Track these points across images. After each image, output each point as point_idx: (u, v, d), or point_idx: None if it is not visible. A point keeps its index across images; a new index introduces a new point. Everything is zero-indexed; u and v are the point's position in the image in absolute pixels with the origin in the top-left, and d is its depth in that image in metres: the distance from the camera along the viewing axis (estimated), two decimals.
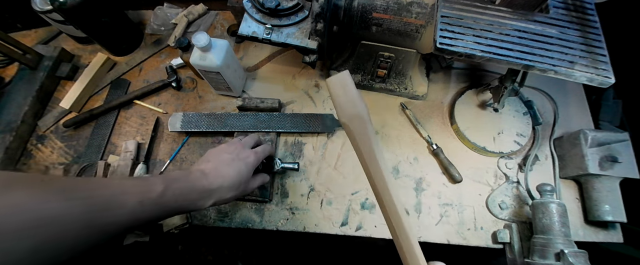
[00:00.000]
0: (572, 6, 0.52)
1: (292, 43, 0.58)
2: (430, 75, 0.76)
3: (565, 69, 0.46)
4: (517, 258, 0.58)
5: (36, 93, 0.75)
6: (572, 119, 0.73)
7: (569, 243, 0.52)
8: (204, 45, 0.60)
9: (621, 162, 0.59)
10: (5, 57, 0.75)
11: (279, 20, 0.59)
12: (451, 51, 0.48)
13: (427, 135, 0.70)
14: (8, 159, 0.70)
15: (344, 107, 0.35)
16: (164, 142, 0.73)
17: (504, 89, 0.60)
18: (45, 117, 0.76)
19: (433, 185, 0.67)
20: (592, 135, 0.61)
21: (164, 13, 0.85)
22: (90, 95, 0.79)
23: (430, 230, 0.64)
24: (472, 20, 0.50)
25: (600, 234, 0.63)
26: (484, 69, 0.78)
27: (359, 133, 0.35)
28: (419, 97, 0.74)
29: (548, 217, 0.54)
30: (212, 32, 0.86)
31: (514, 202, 0.65)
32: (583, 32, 0.50)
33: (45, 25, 0.83)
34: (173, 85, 0.77)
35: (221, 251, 1.25)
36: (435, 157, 0.69)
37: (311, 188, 0.67)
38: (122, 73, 0.81)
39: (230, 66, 0.67)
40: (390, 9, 0.56)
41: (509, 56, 0.47)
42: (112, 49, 0.82)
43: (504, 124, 0.69)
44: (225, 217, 0.65)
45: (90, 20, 0.73)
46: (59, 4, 0.65)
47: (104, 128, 0.74)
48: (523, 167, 0.68)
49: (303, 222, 0.64)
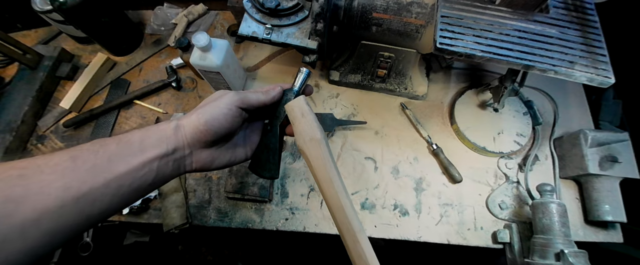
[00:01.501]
0: (572, 6, 0.52)
1: (292, 43, 0.58)
2: (430, 75, 0.76)
3: (565, 69, 0.46)
4: (517, 258, 0.58)
5: (36, 93, 0.75)
6: (572, 119, 0.73)
7: (569, 243, 0.52)
8: (204, 45, 0.60)
9: (621, 162, 0.59)
10: (5, 57, 0.75)
11: (279, 20, 0.58)
12: (451, 51, 0.48)
13: (427, 135, 0.70)
14: (8, 159, 0.70)
15: (302, 132, 0.39)
16: None
17: (504, 89, 0.60)
18: (45, 117, 0.76)
19: (433, 185, 0.67)
20: (592, 135, 0.61)
21: (164, 13, 0.85)
22: (90, 95, 0.79)
23: (430, 230, 0.64)
24: (472, 20, 0.50)
25: (600, 234, 0.63)
26: (484, 69, 0.78)
27: (313, 156, 0.38)
28: (419, 97, 0.74)
29: (548, 217, 0.54)
30: (212, 32, 0.86)
31: (514, 202, 0.65)
32: (583, 32, 0.50)
33: (45, 25, 0.83)
34: (173, 85, 0.77)
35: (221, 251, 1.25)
36: (435, 157, 0.69)
37: (311, 188, 0.67)
38: (122, 73, 0.81)
39: (230, 66, 0.67)
40: (390, 9, 0.56)
41: (509, 56, 0.47)
42: (112, 49, 0.82)
43: (504, 124, 0.69)
44: (225, 217, 0.65)
45: (90, 20, 0.73)
46: (59, 4, 0.65)
47: (104, 128, 0.74)
48: (523, 167, 0.68)
49: (303, 222, 0.64)
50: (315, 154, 0.38)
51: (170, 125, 0.36)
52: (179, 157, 0.36)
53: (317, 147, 0.38)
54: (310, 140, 0.38)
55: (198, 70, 0.66)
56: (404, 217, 0.65)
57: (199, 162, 0.38)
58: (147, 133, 0.35)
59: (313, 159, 0.38)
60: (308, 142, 0.38)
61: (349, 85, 0.76)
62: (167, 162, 0.35)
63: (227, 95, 0.38)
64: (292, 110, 0.40)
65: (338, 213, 0.36)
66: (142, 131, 0.35)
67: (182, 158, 0.36)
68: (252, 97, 0.39)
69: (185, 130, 0.36)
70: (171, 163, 0.35)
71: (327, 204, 0.37)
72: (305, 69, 0.43)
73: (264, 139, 0.44)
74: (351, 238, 0.35)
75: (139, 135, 0.34)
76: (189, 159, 0.37)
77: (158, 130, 0.36)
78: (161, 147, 0.34)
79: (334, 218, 0.37)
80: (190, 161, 0.37)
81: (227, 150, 0.41)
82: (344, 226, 0.36)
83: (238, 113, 0.38)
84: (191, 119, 0.36)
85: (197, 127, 0.36)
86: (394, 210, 0.65)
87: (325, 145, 0.38)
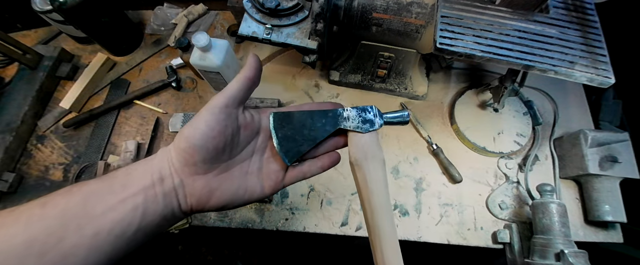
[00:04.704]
0: (572, 6, 0.52)
1: (292, 43, 0.58)
2: (430, 75, 0.76)
3: (565, 69, 0.46)
4: (517, 258, 0.58)
5: (36, 93, 0.75)
6: (572, 119, 0.73)
7: (569, 243, 0.52)
8: (204, 45, 0.60)
9: (621, 162, 0.59)
10: (5, 57, 0.75)
11: (279, 20, 0.58)
12: (451, 51, 0.48)
13: (427, 135, 0.70)
14: (8, 159, 0.70)
15: (362, 146, 0.33)
16: (164, 142, 0.73)
17: (504, 89, 0.60)
18: (45, 117, 0.76)
19: (433, 185, 0.67)
20: (592, 135, 0.61)
21: (164, 13, 0.85)
22: (90, 95, 0.79)
23: (430, 230, 0.64)
24: (472, 20, 0.50)
25: (600, 234, 0.63)
26: (484, 69, 0.78)
27: (372, 177, 0.32)
28: (419, 97, 0.74)
29: (548, 217, 0.54)
30: (212, 32, 0.86)
31: (514, 202, 0.65)
32: (583, 32, 0.49)
33: (45, 25, 0.83)
34: (173, 85, 0.77)
35: (221, 251, 1.25)
36: (435, 157, 0.69)
37: (311, 188, 0.67)
38: (122, 73, 0.81)
39: (230, 66, 0.67)
40: (390, 9, 0.56)
41: (509, 56, 0.47)
42: (112, 49, 0.82)
43: (504, 124, 0.69)
44: (225, 217, 0.65)
45: (90, 20, 0.73)
46: (59, 4, 0.65)
47: (104, 128, 0.74)
48: (523, 167, 0.67)
49: (303, 222, 0.64)
50: (375, 176, 0.32)
51: (159, 151, 0.30)
52: (168, 190, 0.28)
53: (379, 168, 0.33)
54: (373, 158, 0.33)
55: (198, 70, 0.66)
56: (404, 217, 0.65)
57: (194, 195, 0.29)
58: (135, 165, 0.28)
59: (371, 181, 0.32)
60: (370, 160, 0.33)
61: (349, 85, 0.76)
62: (155, 196, 0.27)
63: (210, 99, 0.30)
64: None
65: (387, 250, 0.30)
66: (132, 164, 0.29)
67: (173, 190, 0.28)
68: (234, 85, 0.31)
69: (172, 154, 0.29)
70: (161, 198, 0.27)
71: (373, 234, 0.31)
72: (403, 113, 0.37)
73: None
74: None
75: (125, 169, 0.28)
76: (181, 191, 0.28)
77: (146, 160, 0.29)
78: (146, 178, 0.27)
79: (378, 253, 0.31)
80: (183, 194, 0.29)
81: (230, 177, 0.31)
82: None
83: (225, 116, 0.29)
84: (175, 139, 0.29)
85: (178, 146, 0.28)
86: (394, 210, 0.65)
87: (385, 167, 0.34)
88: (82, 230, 0.24)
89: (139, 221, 0.26)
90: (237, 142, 0.31)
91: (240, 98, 0.31)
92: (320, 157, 0.35)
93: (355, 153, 0.33)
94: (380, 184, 0.32)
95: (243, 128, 0.32)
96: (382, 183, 0.32)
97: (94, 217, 0.24)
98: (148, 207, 0.26)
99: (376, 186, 0.32)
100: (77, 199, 0.25)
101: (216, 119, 0.28)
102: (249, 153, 0.33)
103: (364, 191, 0.32)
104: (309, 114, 0.34)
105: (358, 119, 0.34)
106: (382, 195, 0.32)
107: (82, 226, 0.24)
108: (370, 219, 0.31)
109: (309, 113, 0.34)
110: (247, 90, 0.31)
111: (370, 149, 0.33)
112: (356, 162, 0.33)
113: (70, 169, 0.71)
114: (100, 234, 0.24)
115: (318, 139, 0.33)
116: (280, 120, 0.33)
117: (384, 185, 0.32)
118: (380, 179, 0.32)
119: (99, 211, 0.25)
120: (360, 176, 0.33)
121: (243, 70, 0.32)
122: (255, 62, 0.32)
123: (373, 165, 0.32)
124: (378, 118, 0.35)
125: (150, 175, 0.27)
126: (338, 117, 0.34)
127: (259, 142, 0.34)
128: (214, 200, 0.30)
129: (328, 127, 0.34)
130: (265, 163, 0.33)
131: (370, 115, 0.35)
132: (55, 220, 0.23)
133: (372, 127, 0.34)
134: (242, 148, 0.32)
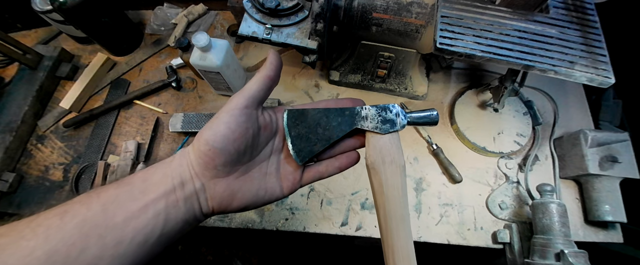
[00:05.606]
0: (572, 6, 0.52)
1: (292, 43, 0.58)
2: (430, 75, 0.76)
3: (565, 69, 0.46)
4: (517, 258, 0.58)
5: (36, 93, 0.75)
6: (572, 119, 0.73)
7: (569, 243, 0.52)
8: (204, 45, 0.60)
9: (621, 162, 0.59)
10: (5, 57, 0.75)
11: (279, 20, 0.58)
12: (451, 51, 0.48)
13: (427, 135, 0.70)
14: (8, 159, 0.70)
15: (381, 149, 0.31)
16: (164, 142, 0.73)
17: (504, 89, 0.60)
18: (45, 117, 0.76)
19: (433, 185, 0.67)
20: (592, 135, 0.61)
21: (164, 13, 0.85)
22: (90, 95, 0.79)
23: (430, 230, 0.64)
24: (472, 20, 0.50)
25: (600, 234, 0.63)
26: (484, 69, 0.78)
27: (390, 183, 0.30)
28: (419, 97, 0.74)
29: (548, 217, 0.54)
30: (212, 32, 0.86)
31: (514, 202, 0.65)
32: (583, 32, 0.49)
33: (45, 25, 0.83)
34: (173, 85, 0.77)
35: (221, 251, 1.25)
36: (435, 157, 0.69)
37: (311, 188, 0.67)
38: (122, 73, 0.81)
39: (230, 66, 0.67)
40: (390, 9, 0.56)
41: (509, 56, 0.47)
42: (112, 49, 0.82)
43: (504, 124, 0.69)
44: (225, 218, 0.65)
45: (90, 20, 0.73)
46: (59, 4, 0.65)
47: (104, 128, 0.74)
48: (523, 167, 0.67)
49: (303, 222, 0.64)
50: (393, 182, 0.30)
51: (177, 154, 0.29)
52: (189, 194, 0.27)
53: (398, 173, 0.30)
54: (391, 163, 0.31)
55: (198, 70, 0.66)
56: None
57: (215, 199, 0.28)
58: (151, 170, 0.28)
59: (387, 187, 0.30)
60: (387, 164, 0.30)
61: (349, 86, 0.76)
62: (176, 201, 0.27)
63: (229, 100, 0.29)
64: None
65: (401, 262, 0.28)
66: (148, 169, 0.28)
67: (194, 194, 0.28)
68: (254, 85, 0.29)
69: (191, 157, 0.28)
70: (182, 203, 0.27)
71: (385, 245, 0.29)
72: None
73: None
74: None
75: (142, 174, 0.27)
76: (203, 195, 0.28)
77: (164, 163, 0.28)
78: (166, 183, 0.27)
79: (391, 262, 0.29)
80: (205, 198, 0.28)
81: (250, 179, 0.30)
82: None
83: (246, 117, 0.28)
84: (194, 142, 0.29)
85: (198, 149, 0.28)
86: None
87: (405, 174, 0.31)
88: (103, 240, 0.23)
89: (161, 227, 0.26)
90: (257, 144, 0.31)
91: (260, 98, 0.30)
92: (337, 156, 0.34)
93: (372, 156, 0.31)
94: (398, 191, 0.30)
95: (262, 129, 0.31)
96: (399, 190, 0.30)
97: (115, 226, 0.24)
98: (170, 212, 0.26)
99: (393, 193, 0.30)
100: (97, 207, 0.24)
101: (237, 121, 0.28)
102: (267, 154, 0.32)
103: (379, 198, 0.30)
104: (325, 112, 0.32)
105: (377, 119, 0.32)
106: (398, 203, 0.30)
107: (104, 236, 0.23)
108: (384, 229, 0.30)
109: (325, 111, 0.32)
110: (267, 90, 0.30)
111: (389, 152, 0.31)
112: (372, 165, 0.31)
113: (70, 169, 0.71)
114: (122, 243, 0.24)
115: (333, 138, 0.31)
116: (294, 118, 0.31)
117: (402, 192, 0.30)
118: (398, 185, 0.30)
119: (120, 219, 0.24)
120: (376, 181, 0.31)
121: (263, 68, 0.30)
122: (276, 60, 0.30)
123: (391, 171, 0.30)
124: (400, 118, 0.32)
125: (171, 179, 0.27)
126: (355, 116, 0.32)
127: (276, 142, 0.33)
128: (236, 203, 0.29)
129: (344, 127, 0.32)
130: (282, 164, 0.33)
131: (391, 114, 0.32)
132: (76, 231, 0.23)
133: (392, 128, 0.32)
134: (261, 149, 0.32)
